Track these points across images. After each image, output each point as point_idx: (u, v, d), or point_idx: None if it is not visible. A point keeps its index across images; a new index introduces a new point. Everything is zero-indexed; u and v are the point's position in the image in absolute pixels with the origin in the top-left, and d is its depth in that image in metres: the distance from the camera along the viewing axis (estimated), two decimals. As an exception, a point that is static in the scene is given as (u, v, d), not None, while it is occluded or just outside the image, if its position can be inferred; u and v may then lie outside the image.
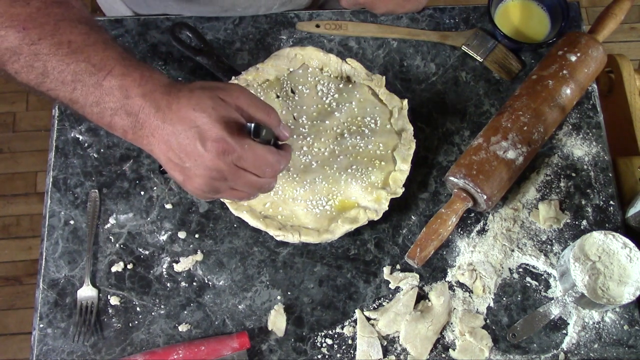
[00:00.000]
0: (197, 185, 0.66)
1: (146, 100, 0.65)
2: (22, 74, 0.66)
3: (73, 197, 0.89)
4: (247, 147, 0.64)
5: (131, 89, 0.65)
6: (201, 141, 0.63)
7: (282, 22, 1.00)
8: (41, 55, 0.65)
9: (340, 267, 0.87)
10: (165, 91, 0.66)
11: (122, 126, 0.66)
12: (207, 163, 0.64)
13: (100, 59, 0.65)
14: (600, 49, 0.93)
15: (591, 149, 0.93)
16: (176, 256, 0.87)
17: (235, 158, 0.64)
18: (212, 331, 0.84)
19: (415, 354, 0.82)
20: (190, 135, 0.63)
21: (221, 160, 0.64)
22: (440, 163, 0.93)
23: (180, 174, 0.66)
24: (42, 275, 0.86)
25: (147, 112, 0.65)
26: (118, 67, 0.65)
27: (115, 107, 0.65)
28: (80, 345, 0.82)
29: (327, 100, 0.91)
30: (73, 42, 0.65)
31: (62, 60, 0.65)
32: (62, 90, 0.66)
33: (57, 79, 0.65)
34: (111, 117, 0.66)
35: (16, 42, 0.64)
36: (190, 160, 0.64)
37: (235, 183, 0.67)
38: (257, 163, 0.66)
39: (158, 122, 0.65)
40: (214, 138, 0.63)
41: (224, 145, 0.63)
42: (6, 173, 1.97)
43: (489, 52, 0.98)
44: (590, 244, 0.82)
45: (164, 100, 0.65)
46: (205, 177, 0.65)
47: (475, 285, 0.86)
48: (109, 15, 1.07)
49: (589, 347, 0.83)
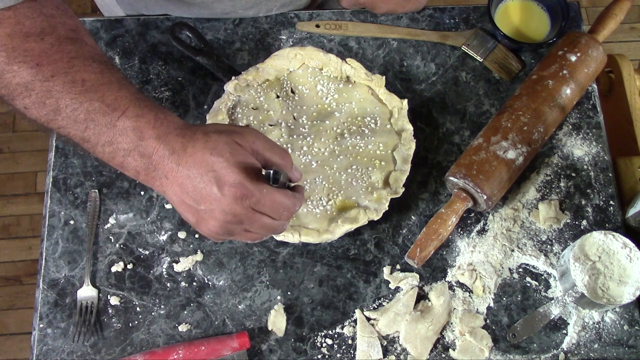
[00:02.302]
0: (212, 228, 0.66)
1: (160, 143, 0.65)
2: (33, 110, 0.65)
3: (73, 197, 0.89)
4: (265, 191, 0.64)
5: (145, 130, 0.65)
6: (218, 186, 0.63)
7: (282, 22, 1.00)
8: (54, 92, 0.64)
9: (340, 267, 0.87)
10: (180, 133, 0.65)
11: (134, 167, 0.66)
12: (224, 207, 0.63)
13: (115, 98, 0.65)
14: (600, 49, 0.93)
15: (591, 149, 0.93)
16: (176, 256, 0.87)
17: (253, 202, 0.64)
18: (212, 331, 0.84)
19: (415, 354, 0.82)
20: (207, 180, 0.63)
21: (238, 205, 0.63)
22: (440, 163, 0.93)
23: (194, 216, 0.66)
24: (42, 275, 0.86)
25: (162, 155, 0.65)
26: (132, 108, 0.65)
27: (128, 148, 0.65)
28: (80, 345, 0.82)
29: (327, 100, 0.91)
30: (87, 81, 0.65)
31: (75, 98, 0.64)
32: (74, 128, 0.65)
33: (70, 117, 0.65)
34: (124, 158, 0.66)
35: (29, 77, 0.64)
36: (206, 204, 0.64)
37: (251, 226, 0.67)
38: (274, 207, 0.66)
39: (172, 165, 0.64)
40: (232, 183, 0.63)
41: (242, 190, 0.63)
42: (6, 173, 1.97)
43: (489, 52, 0.98)
44: (590, 244, 0.82)
45: (179, 143, 0.65)
46: (221, 220, 0.65)
47: (475, 285, 0.86)
48: (109, 16, 1.07)
49: (589, 347, 0.83)
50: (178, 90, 0.95)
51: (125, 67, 0.96)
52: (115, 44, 0.98)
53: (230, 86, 0.90)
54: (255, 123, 0.90)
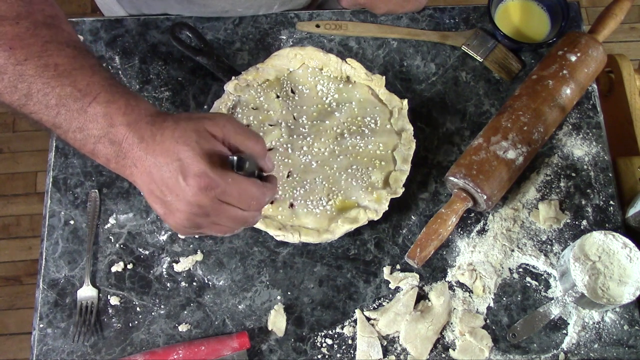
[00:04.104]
0: (179, 220, 0.64)
1: (130, 130, 0.63)
2: (5, 95, 0.64)
3: (73, 197, 0.89)
4: (230, 180, 0.62)
5: (116, 117, 0.63)
6: (183, 175, 0.61)
7: (282, 22, 1.00)
8: (26, 77, 0.63)
9: (340, 267, 0.87)
10: (150, 121, 0.64)
11: (105, 154, 0.65)
12: (189, 198, 0.61)
13: (87, 84, 0.64)
14: (600, 49, 0.93)
15: (591, 149, 0.93)
16: (176, 256, 0.87)
17: (218, 193, 0.62)
18: (212, 331, 0.84)
19: (415, 354, 0.82)
20: (172, 169, 0.61)
21: (203, 195, 0.61)
22: (440, 163, 0.93)
23: (162, 207, 0.64)
24: (42, 275, 0.86)
25: (131, 142, 0.63)
26: (104, 94, 0.64)
27: (98, 134, 0.64)
28: (80, 345, 0.82)
29: (327, 100, 0.91)
30: (60, 65, 0.64)
31: (47, 83, 0.63)
32: (46, 113, 0.64)
33: (41, 102, 0.64)
34: (94, 145, 0.65)
35: (1, 61, 0.63)
36: (172, 195, 0.62)
37: (219, 218, 0.65)
38: (242, 197, 0.64)
39: (141, 153, 0.63)
40: (196, 172, 0.61)
41: (206, 180, 0.61)
42: (6, 173, 1.97)
43: (489, 52, 0.98)
44: (590, 244, 0.82)
45: (148, 131, 0.63)
46: (187, 212, 0.62)
47: (475, 285, 0.86)
48: (109, 16, 1.07)
49: (589, 347, 0.83)
50: (178, 90, 0.95)
51: (125, 67, 0.96)
52: (115, 44, 0.98)
53: (230, 86, 0.90)
54: (255, 123, 0.90)
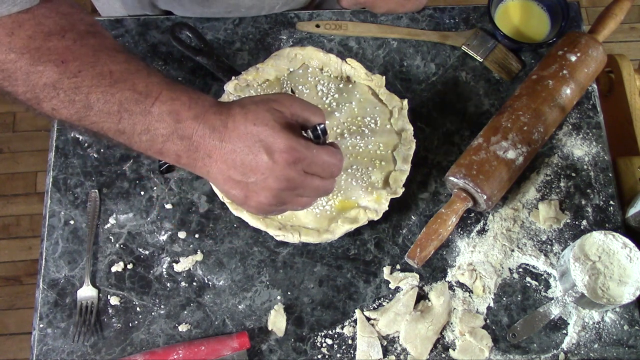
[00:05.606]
0: (264, 199, 0.65)
1: (199, 122, 0.64)
2: (62, 110, 0.64)
3: (73, 197, 0.89)
4: (315, 152, 0.65)
5: (182, 112, 0.64)
6: (268, 154, 0.63)
7: (282, 22, 1.00)
8: (83, 88, 0.63)
9: (340, 267, 0.87)
10: (217, 111, 0.65)
11: (174, 151, 0.66)
12: (278, 174, 0.63)
13: (145, 85, 0.64)
14: (600, 49, 0.93)
15: (591, 149, 0.93)
16: (176, 256, 0.87)
17: (306, 165, 0.64)
18: (212, 331, 0.84)
19: (415, 354, 0.82)
20: (256, 150, 0.63)
21: (291, 169, 0.64)
22: (440, 163, 0.93)
23: (242, 190, 0.66)
24: (42, 275, 0.86)
25: (202, 134, 0.64)
26: (165, 92, 0.65)
27: (166, 132, 0.64)
28: (80, 345, 0.82)
29: (327, 100, 0.91)
30: (115, 72, 0.64)
31: (105, 91, 0.63)
32: (108, 121, 0.64)
33: (102, 111, 0.64)
34: (162, 144, 0.65)
35: (56, 76, 0.62)
36: (257, 175, 0.64)
37: (304, 190, 0.67)
38: (325, 166, 0.66)
39: (215, 142, 0.64)
40: (282, 149, 0.63)
41: (294, 154, 0.63)
42: (6, 173, 1.97)
43: (489, 52, 0.98)
44: (590, 244, 0.82)
45: (218, 120, 0.64)
46: (275, 189, 0.65)
47: (475, 285, 0.86)
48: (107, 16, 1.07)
49: (589, 347, 0.83)
50: (178, 90, 0.95)
51: (125, 67, 0.96)
52: (115, 44, 0.98)
53: (230, 86, 0.90)
54: (255, 123, 0.90)
